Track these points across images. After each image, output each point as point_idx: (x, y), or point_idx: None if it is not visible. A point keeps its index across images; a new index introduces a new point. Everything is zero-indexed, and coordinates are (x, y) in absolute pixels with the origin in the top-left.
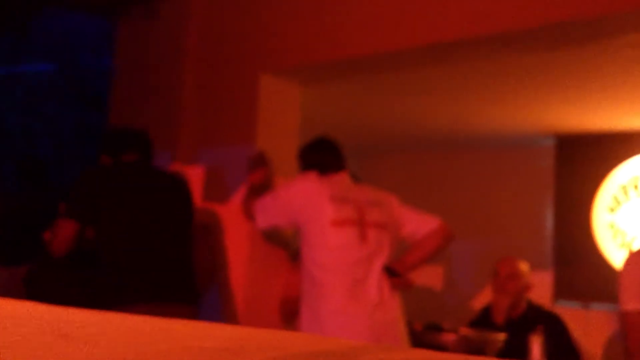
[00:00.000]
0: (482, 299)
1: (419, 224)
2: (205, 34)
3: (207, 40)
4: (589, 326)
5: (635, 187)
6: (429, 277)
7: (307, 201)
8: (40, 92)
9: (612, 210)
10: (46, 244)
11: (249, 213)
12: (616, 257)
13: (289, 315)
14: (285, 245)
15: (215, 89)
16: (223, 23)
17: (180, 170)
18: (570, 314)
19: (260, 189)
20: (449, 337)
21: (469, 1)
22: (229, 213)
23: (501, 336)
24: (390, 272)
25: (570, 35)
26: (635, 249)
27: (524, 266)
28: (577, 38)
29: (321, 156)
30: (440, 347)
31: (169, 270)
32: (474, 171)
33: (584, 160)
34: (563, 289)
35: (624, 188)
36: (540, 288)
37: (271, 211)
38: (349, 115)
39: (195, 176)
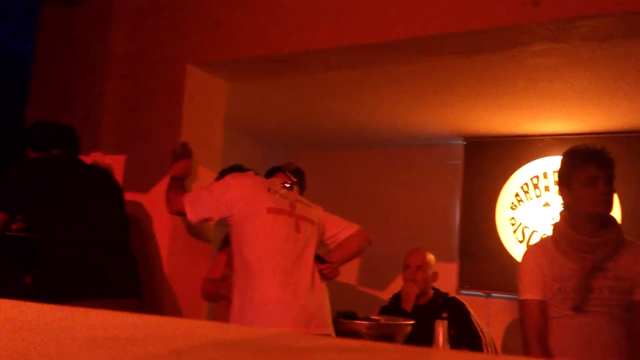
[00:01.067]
0: (393, 289)
1: (341, 229)
2: (131, 23)
3: (133, 29)
4: (490, 314)
5: (535, 186)
6: (345, 269)
7: (245, 193)
8: None
9: (513, 207)
10: None
11: (173, 204)
12: (516, 250)
13: (210, 294)
14: (207, 238)
15: (141, 79)
16: (151, 13)
17: (102, 159)
18: (473, 301)
19: (183, 180)
20: (361, 324)
21: (390, 6)
22: (151, 203)
23: (410, 322)
24: (320, 260)
25: (480, 43)
26: (534, 242)
27: (431, 257)
28: (486, 46)
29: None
30: (354, 334)
31: (113, 263)
32: (387, 168)
33: (490, 161)
34: (467, 279)
35: (525, 187)
36: (446, 278)
37: (205, 204)
38: (273, 112)
39: (116, 165)
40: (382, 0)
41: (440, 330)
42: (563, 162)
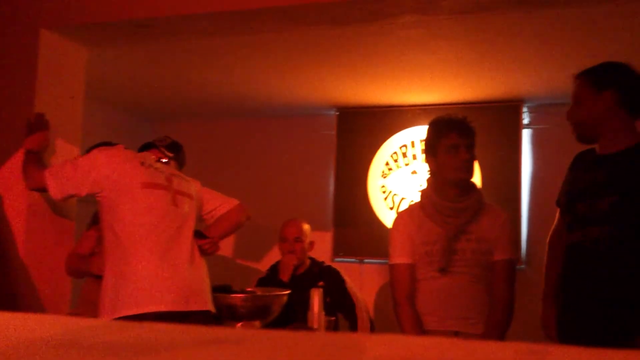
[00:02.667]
0: (271, 260)
1: (219, 203)
2: None
3: None
4: (363, 278)
5: (404, 154)
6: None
7: (114, 167)
8: None
9: (384, 175)
10: None
11: (32, 180)
12: (387, 217)
13: (74, 269)
14: (69, 215)
15: None
16: None
17: None
18: (347, 268)
19: (40, 154)
20: (237, 297)
21: None
22: (3, 180)
23: (285, 292)
24: (200, 234)
25: (351, 14)
26: (403, 209)
27: (307, 227)
28: (357, 17)
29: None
30: (230, 307)
31: None
32: (263, 139)
33: (361, 131)
34: (341, 247)
35: (394, 156)
36: (322, 246)
37: (70, 180)
38: (141, 79)
39: None
40: None
41: (316, 298)
42: (428, 132)
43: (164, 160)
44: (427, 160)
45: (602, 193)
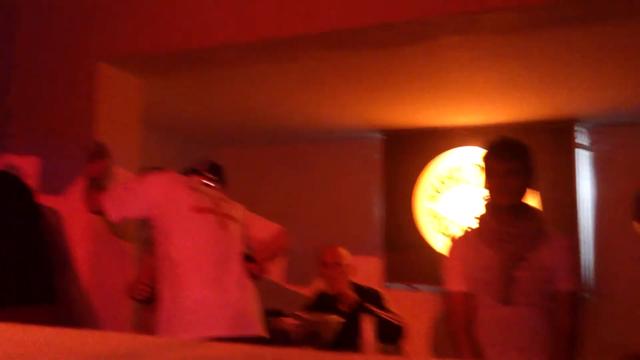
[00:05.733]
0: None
1: (263, 228)
2: (36, 17)
3: (39, 23)
4: (414, 305)
5: (452, 177)
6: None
7: (165, 191)
8: None
9: (432, 199)
10: None
11: (92, 204)
12: (437, 242)
13: (137, 292)
14: (131, 237)
15: (51, 78)
16: (56, 10)
17: (12, 162)
18: (398, 295)
19: (100, 181)
20: (289, 322)
21: (291, 1)
22: (68, 206)
23: (338, 319)
24: (248, 258)
25: (394, 36)
26: (457, 234)
27: (344, 252)
28: (400, 39)
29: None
30: (282, 332)
31: (23, 268)
32: (308, 164)
33: (407, 153)
34: (391, 273)
35: (442, 178)
36: (371, 272)
37: (124, 203)
38: (191, 107)
39: (29, 167)
40: None
41: (368, 324)
42: (483, 154)
43: (208, 184)
44: (483, 183)
45: None
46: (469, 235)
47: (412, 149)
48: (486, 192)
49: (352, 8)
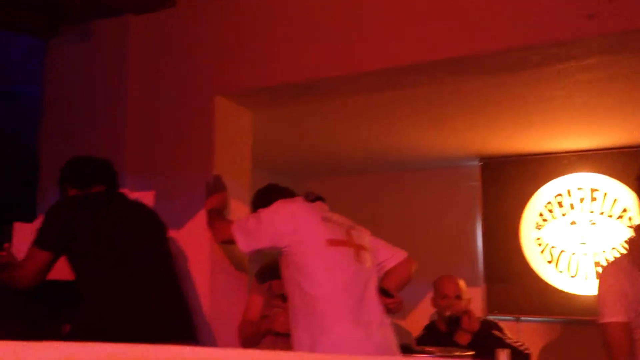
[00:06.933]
0: (416, 317)
1: (390, 255)
2: (148, 55)
3: (151, 62)
4: (521, 338)
5: (560, 204)
6: None
7: (298, 222)
8: None
9: (538, 227)
10: None
11: (220, 233)
12: (545, 271)
13: (250, 337)
14: (244, 269)
15: (166, 114)
16: (171, 46)
17: (130, 196)
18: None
19: (222, 212)
20: (422, 358)
21: (411, 29)
22: (186, 240)
23: (470, 351)
24: (385, 293)
25: (528, 59)
26: (609, 262)
27: (463, 283)
28: (533, 62)
29: (279, 195)
30: None
31: (169, 306)
32: (404, 192)
33: (509, 181)
34: (495, 304)
35: (549, 206)
36: (473, 303)
37: (255, 234)
38: (284, 140)
39: (146, 202)
40: (425, 19)
41: (501, 355)
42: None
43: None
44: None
45: None
46: (621, 261)
47: (514, 176)
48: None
49: (463, 37)
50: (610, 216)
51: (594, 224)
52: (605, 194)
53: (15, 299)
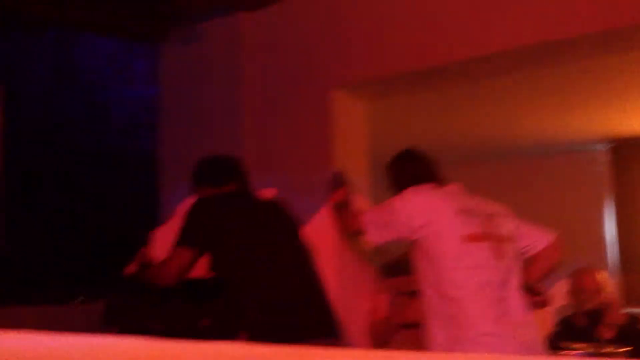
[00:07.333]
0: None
1: (536, 238)
2: (261, 52)
3: (264, 58)
4: None
5: None
6: None
7: (430, 215)
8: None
9: None
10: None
11: (349, 224)
12: None
13: (380, 338)
14: (370, 263)
15: (281, 111)
16: (284, 42)
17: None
18: None
19: (347, 206)
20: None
21: (536, 8)
22: (314, 232)
23: (625, 348)
24: (532, 291)
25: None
26: None
27: (604, 276)
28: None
29: (420, 167)
30: None
31: (312, 302)
32: (526, 179)
33: None
34: (633, 295)
35: None
36: None
37: (386, 226)
38: (411, 129)
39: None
40: None
41: None
42: None
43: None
44: None
45: None
46: None
47: None
48: None
49: (592, 13)
50: None
51: None
52: None
53: (154, 297)
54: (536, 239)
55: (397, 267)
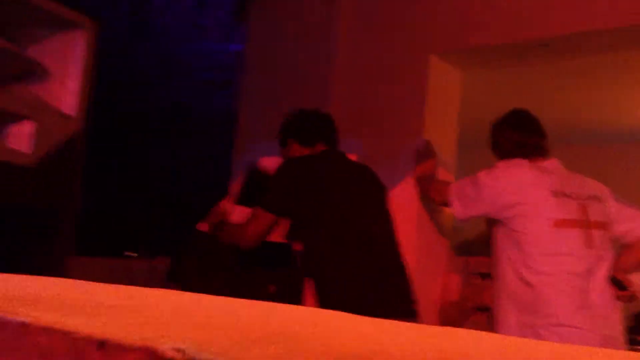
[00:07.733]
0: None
1: (634, 225)
2: (359, 12)
3: (362, 19)
4: None
5: None
6: None
7: (520, 194)
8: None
9: None
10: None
11: (439, 194)
12: None
13: (451, 322)
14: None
15: (377, 75)
16: (386, 6)
17: None
18: None
19: (429, 179)
20: None
21: None
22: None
23: None
24: (619, 284)
25: None
26: None
27: None
28: None
29: (525, 135)
30: None
31: (396, 280)
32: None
33: None
34: None
35: None
36: None
37: (474, 201)
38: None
39: None
40: None
41: None
42: None
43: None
44: None
45: None
46: None
47: None
48: None
49: None
50: None
51: None
52: None
53: (222, 258)
54: (633, 226)
55: (472, 246)
